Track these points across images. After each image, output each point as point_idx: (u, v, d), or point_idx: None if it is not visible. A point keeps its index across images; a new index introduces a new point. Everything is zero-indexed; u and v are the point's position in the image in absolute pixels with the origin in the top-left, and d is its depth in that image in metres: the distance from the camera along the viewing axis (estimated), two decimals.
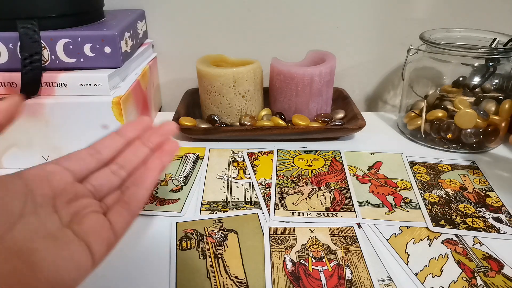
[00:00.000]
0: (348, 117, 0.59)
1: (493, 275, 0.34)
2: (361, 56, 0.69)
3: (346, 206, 0.43)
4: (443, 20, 0.65)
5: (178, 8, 0.65)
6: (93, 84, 0.48)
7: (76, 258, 0.25)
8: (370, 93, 0.73)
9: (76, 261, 0.25)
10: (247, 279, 0.34)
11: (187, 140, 0.57)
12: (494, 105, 0.53)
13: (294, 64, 0.60)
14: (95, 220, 0.28)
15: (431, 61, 0.56)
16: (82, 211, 0.28)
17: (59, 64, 0.49)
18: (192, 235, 0.39)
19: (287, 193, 0.45)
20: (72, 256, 0.25)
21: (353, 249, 0.37)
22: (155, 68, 0.67)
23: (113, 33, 0.48)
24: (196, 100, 0.63)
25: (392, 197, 0.45)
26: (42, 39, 0.47)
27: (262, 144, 0.56)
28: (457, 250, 0.37)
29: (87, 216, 0.28)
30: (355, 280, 0.34)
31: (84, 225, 0.27)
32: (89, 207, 0.29)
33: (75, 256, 0.25)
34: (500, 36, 0.55)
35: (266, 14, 0.65)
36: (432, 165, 0.51)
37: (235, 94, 0.57)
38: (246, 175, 0.49)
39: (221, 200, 0.44)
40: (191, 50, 0.68)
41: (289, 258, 0.36)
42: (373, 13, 0.65)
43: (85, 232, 0.26)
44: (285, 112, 0.59)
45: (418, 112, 0.57)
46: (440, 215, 0.42)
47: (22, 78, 0.46)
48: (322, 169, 0.50)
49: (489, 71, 0.53)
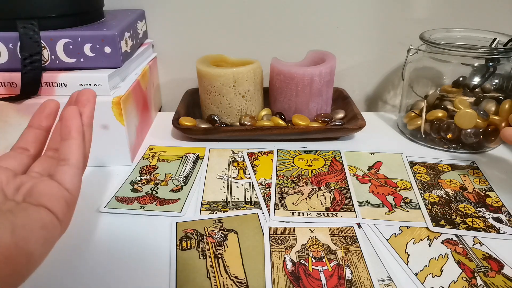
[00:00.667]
0: (348, 117, 0.59)
1: (493, 275, 0.34)
2: (361, 56, 0.69)
3: (346, 206, 0.43)
4: (443, 20, 0.65)
5: (178, 8, 0.65)
6: (93, 84, 0.48)
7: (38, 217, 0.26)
8: (370, 93, 0.73)
9: (39, 220, 0.26)
10: (247, 279, 0.34)
11: (187, 140, 0.57)
12: (494, 105, 0.53)
13: (294, 64, 0.60)
14: (43, 186, 0.28)
15: (431, 61, 0.56)
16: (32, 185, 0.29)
17: (59, 64, 0.49)
18: (192, 235, 0.39)
19: (287, 193, 0.45)
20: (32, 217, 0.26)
21: (353, 249, 0.37)
22: (155, 68, 0.67)
23: (113, 33, 0.48)
24: (196, 100, 0.63)
25: (392, 197, 0.45)
26: (42, 39, 0.47)
27: (262, 144, 0.56)
28: (457, 250, 0.37)
29: (35, 186, 0.29)
30: (355, 280, 0.34)
31: (34, 193, 0.28)
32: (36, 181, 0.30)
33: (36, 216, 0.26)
34: (500, 36, 0.55)
35: (266, 14, 0.65)
36: (432, 165, 0.51)
37: (235, 94, 0.57)
38: (246, 175, 0.49)
39: (221, 200, 0.44)
40: (191, 50, 0.68)
41: (289, 258, 0.36)
42: (373, 13, 0.65)
43: (37, 198, 0.28)
44: (285, 112, 0.59)
45: (418, 112, 0.57)
46: (440, 215, 0.42)
47: (22, 78, 0.46)
48: (322, 169, 0.50)
49: (489, 71, 0.53)
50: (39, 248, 0.26)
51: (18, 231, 0.25)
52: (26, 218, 0.26)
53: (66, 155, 0.30)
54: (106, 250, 0.37)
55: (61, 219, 0.28)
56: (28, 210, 0.27)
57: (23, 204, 0.27)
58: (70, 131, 0.30)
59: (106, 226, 0.40)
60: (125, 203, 0.44)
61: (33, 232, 0.26)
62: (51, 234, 0.27)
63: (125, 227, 0.40)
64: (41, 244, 0.26)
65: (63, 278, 0.34)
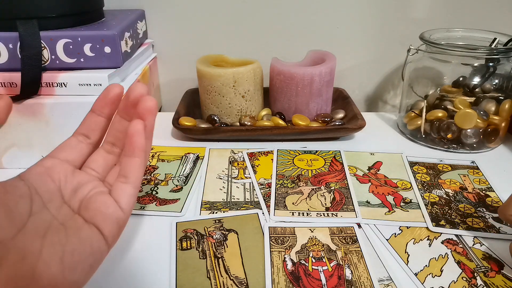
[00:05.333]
0: (348, 117, 0.59)
1: (493, 275, 0.34)
2: (361, 56, 0.69)
3: (346, 206, 0.43)
4: (443, 20, 0.65)
5: (178, 8, 0.65)
6: (93, 84, 0.48)
7: (88, 242, 0.25)
8: (370, 93, 0.73)
9: (89, 245, 0.25)
10: (247, 279, 0.34)
11: (187, 140, 0.57)
12: (494, 105, 0.53)
13: (294, 64, 0.60)
14: (100, 201, 0.28)
15: (431, 61, 0.56)
16: (88, 195, 0.28)
17: (59, 64, 0.49)
18: (192, 235, 0.39)
19: (287, 193, 0.45)
20: (83, 242, 0.25)
21: (353, 249, 0.37)
22: (155, 68, 0.67)
23: (113, 33, 0.48)
24: (196, 100, 0.63)
25: (392, 197, 0.45)
26: (42, 39, 0.47)
27: (262, 144, 0.56)
28: (457, 250, 0.37)
29: (92, 198, 0.28)
30: (355, 280, 0.34)
31: (91, 208, 0.27)
32: (94, 190, 0.29)
33: (87, 241, 0.25)
34: (500, 36, 0.55)
35: (266, 14, 0.65)
36: (432, 165, 0.51)
37: (235, 94, 0.57)
38: (246, 175, 0.49)
39: (221, 200, 0.44)
40: (191, 50, 0.68)
41: (289, 258, 0.36)
42: (373, 13, 0.65)
43: (92, 215, 0.27)
44: (285, 112, 0.59)
45: (418, 112, 0.57)
46: (440, 215, 0.42)
47: (22, 78, 0.46)
48: (322, 169, 0.50)
49: (489, 71, 0.53)
50: (83, 277, 0.25)
51: (68, 258, 0.24)
52: (77, 241, 0.25)
53: (127, 172, 0.29)
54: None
55: (109, 242, 0.27)
56: (81, 231, 0.25)
57: (77, 219, 0.26)
58: (134, 150, 0.29)
59: None
60: None
61: (82, 260, 0.25)
62: (98, 260, 0.26)
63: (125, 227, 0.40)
64: (86, 272, 0.25)
65: None
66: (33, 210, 0.25)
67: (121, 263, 0.36)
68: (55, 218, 0.26)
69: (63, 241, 0.24)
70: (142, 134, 0.29)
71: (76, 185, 0.29)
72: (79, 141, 0.32)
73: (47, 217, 0.25)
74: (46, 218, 0.25)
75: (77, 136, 0.32)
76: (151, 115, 0.30)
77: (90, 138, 0.32)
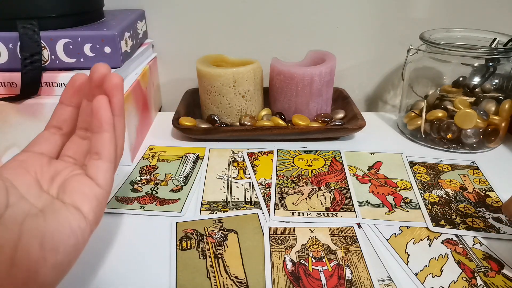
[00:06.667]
0: (348, 117, 0.59)
1: (493, 275, 0.34)
2: (361, 56, 0.69)
3: (346, 206, 0.43)
4: (443, 20, 0.65)
5: (178, 8, 0.65)
6: None
7: (67, 223, 0.26)
8: (370, 93, 0.73)
9: (68, 226, 0.26)
10: (247, 279, 0.34)
11: (187, 140, 0.57)
12: (494, 105, 0.53)
13: (294, 64, 0.60)
14: (76, 181, 0.28)
15: (431, 61, 0.56)
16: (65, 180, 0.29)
17: (59, 64, 0.49)
18: (192, 235, 0.39)
19: (287, 193, 0.45)
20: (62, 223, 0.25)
21: (353, 249, 0.37)
22: (155, 68, 0.67)
23: (113, 33, 0.48)
24: (196, 100, 0.63)
25: (392, 197, 0.45)
26: (42, 39, 0.47)
27: (262, 144, 0.56)
28: (457, 250, 0.37)
29: (67, 181, 0.28)
30: (355, 280, 0.34)
31: (67, 190, 0.28)
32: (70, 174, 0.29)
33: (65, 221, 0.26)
34: (500, 36, 0.55)
35: (266, 14, 0.65)
36: (432, 165, 0.51)
37: (235, 94, 0.57)
38: (246, 175, 0.49)
39: (221, 200, 0.44)
40: (191, 50, 0.68)
41: (289, 258, 0.36)
42: (373, 13, 0.65)
43: (70, 196, 0.27)
44: (285, 112, 0.59)
45: (418, 112, 0.57)
46: (440, 215, 0.42)
47: (22, 78, 0.46)
48: (322, 169, 0.50)
49: (489, 71, 0.53)
50: (67, 257, 0.25)
51: (48, 241, 0.24)
52: (55, 223, 0.25)
53: (98, 149, 0.29)
54: (106, 250, 0.37)
55: (91, 220, 0.27)
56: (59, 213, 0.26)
57: (56, 203, 0.27)
58: (101, 124, 0.29)
59: (106, 226, 0.40)
60: (125, 203, 0.44)
61: (62, 240, 0.25)
62: (80, 240, 0.26)
63: (125, 227, 0.40)
64: (69, 252, 0.25)
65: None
66: (10, 202, 0.25)
67: (121, 263, 0.36)
68: (34, 206, 0.26)
69: (41, 226, 0.25)
70: (107, 107, 0.29)
71: (53, 174, 0.29)
72: (52, 133, 0.32)
73: (26, 207, 0.26)
74: (25, 208, 0.25)
75: (49, 129, 0.32)
76: (118, 91, 0.30)
77: (63, 129, 0.32)
